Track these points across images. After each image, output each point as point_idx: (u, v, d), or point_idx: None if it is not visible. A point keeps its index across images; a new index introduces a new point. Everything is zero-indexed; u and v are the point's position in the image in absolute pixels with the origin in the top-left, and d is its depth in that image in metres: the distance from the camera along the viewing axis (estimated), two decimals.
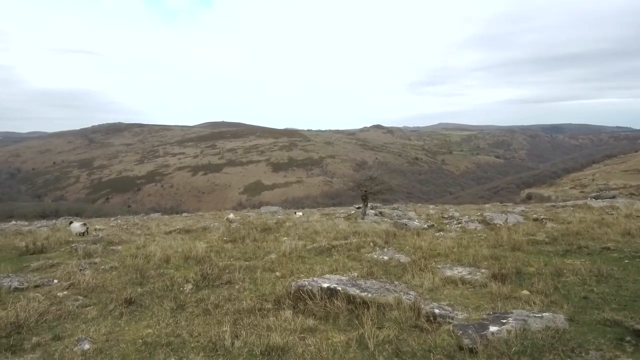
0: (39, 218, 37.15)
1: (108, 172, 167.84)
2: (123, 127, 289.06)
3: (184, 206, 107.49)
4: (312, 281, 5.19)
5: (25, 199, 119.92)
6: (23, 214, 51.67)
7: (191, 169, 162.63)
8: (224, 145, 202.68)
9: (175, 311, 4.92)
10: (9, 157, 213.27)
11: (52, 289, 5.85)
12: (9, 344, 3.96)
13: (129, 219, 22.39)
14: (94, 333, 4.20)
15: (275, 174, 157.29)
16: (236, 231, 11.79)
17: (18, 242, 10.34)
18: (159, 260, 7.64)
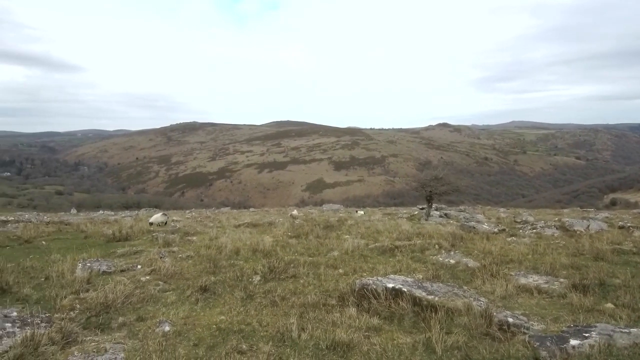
0: (123, 209, 40.86)
1: (184, 168, 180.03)
2: (197, 126, 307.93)
3: (251, 201, 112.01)
4: (377, 280, 5.17)
5: (111, 191, 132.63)
6: (109, 205, 57.12)
7: (258, 166, 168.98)
8: (288, 144, 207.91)
9: (245, 300, 5.17)
10: (97, 153, 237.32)
11: (136, 273, 6.39)
12: (98, 322, 4.38)
13: (202, 212, 23.87)
14: (174, 316, 4.55)
15: (336, 173, 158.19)
16: (300, 227, 12.07)
17: (106, 230, 11.41)
18: (229, 252, 8.05)
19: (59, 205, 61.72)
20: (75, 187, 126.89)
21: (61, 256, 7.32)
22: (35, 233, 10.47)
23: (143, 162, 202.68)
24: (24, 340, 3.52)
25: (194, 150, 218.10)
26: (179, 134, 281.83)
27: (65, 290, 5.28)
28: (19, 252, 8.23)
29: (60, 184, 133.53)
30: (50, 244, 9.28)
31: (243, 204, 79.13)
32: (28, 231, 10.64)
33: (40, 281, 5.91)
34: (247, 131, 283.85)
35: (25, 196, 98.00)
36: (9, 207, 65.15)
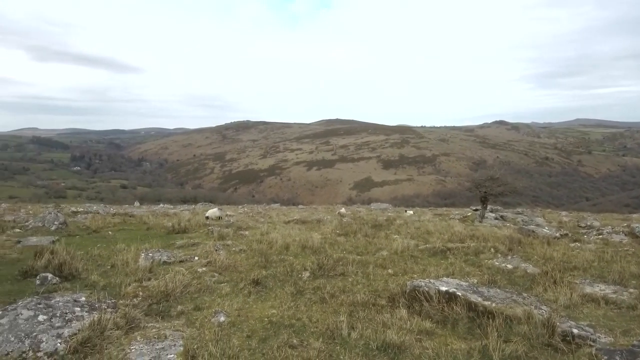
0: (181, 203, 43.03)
1: (237, 164, 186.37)
2: (250, 124, 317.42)
3: (299, 198, 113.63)
4: (429, 283, 5.02)
5: (171, 185, 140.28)
6: (168, 199, 60.37)
7: (306, 164, 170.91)
8: (337, 142, 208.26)
9: (295, 296, 5.24)
10: (159, 150, 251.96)
11: (193, 264, 6.70)
12: (159, 310, 4.62)
13: (253, 208, 24.57)
14: (228, 307, 4.71)
15: (385, 171, 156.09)
16: (348, 225, 12.05)
17: (166, 222, 12.04)
18: (279, 247, 8.21)
19: (123, 198, 66.35)
20: (138, 182, 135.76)
21: (126, 246, 7.83)
22: (102, 224, 11.29)
23: (200, 159, 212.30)
24: (92, 324, 3.80)
25: (247, 148, 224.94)
26: (233, 132, 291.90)
27: (129, 278, 5.65)
28: (87, 241, 8.91)
29: (125, 178, 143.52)
30: (115, 234, 9.98)
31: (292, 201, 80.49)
32: (96, 222, 11.51)
33: (107, 269, 6.35)
34: (297, 129, 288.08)
35: (93, 189, 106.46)
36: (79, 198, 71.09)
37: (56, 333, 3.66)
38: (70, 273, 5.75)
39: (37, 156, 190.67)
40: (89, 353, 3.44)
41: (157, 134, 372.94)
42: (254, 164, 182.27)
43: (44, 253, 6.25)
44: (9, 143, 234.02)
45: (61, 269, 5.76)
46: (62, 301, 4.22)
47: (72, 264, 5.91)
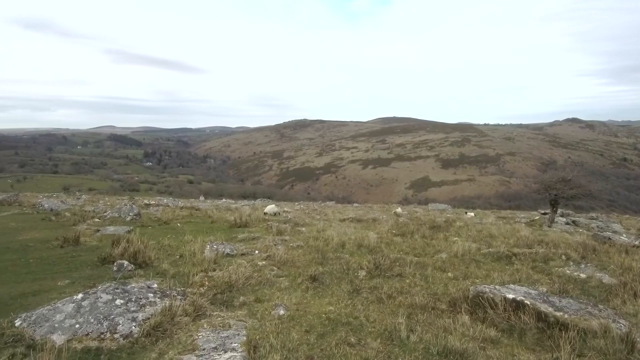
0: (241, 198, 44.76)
1: (294, 162, 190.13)
2: (307, 123, 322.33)
3: (354, 197, 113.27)
4: (494, 289, 4.78)
5: (232, 181, 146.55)
6: (230, 194, 63.14)
7: (362, 163, 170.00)
8: (393, 140, 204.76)
9: (352, 294, 5.24)
10: (222, 147, 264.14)
11: (254, 258, 6.94)
12: (223, 299, 4.85)
13: (309, 205, 24.92)
14: (287, 301, 4.83)
15: (444, 171, 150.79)
16: (404, 225, 11.81)
17: (228, 216, 12.59)
18: (335, 245, 8.26)
19: (189, 192, 70.46)
20: (203, 177, 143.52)
21: (192, 237, 8.32)
22: (171, 216, 12.08)
23: (259, 156, 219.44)
24: (163, 310, 4.08)
25: (303, 146, 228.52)
26: (291, 131, 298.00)
27: (196, 268, 5.98)
28: (158, 232, 9.57)
29: (191, 173, 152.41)
30: (183, 226, 10.62)
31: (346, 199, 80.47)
32: (166, 214, 12.33)
33: (176, 258, 6.78)
34: (353, 128, 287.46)
35: (163, 183, 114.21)
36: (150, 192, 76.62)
37: (131, 317, 3.97)
38: (144, 261, 6.22)
39: (113, 152, 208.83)
40: (160, 337, 3.70)
41: (220, 132, 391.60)
42: (310, 162, 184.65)
43: (120, 242, 6.82)
44: (89, 140, 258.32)
45: (135, 257, 6.25)
46: (136, 287, 4.57)
47: (146, 253, 6.39)
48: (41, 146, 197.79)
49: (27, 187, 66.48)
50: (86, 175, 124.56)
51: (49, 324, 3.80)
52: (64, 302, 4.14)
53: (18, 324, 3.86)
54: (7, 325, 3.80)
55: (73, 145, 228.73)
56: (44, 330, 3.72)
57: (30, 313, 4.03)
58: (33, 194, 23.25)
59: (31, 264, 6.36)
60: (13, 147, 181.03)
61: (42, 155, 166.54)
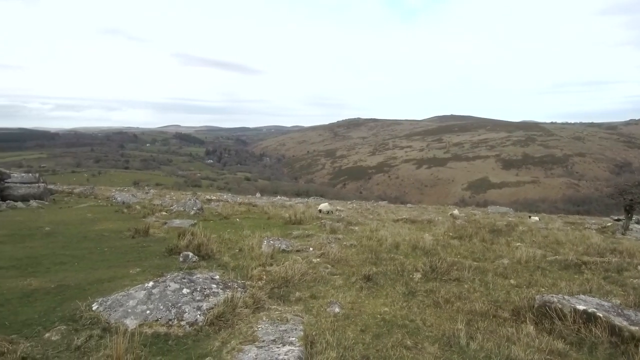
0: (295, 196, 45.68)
1: (346, 161, 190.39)
2: (361, 122, 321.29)
3: (407, 197, 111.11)
4: (563, 299, 4.49)
5: (286, 179, 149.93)
6: (284, 191, 64.62)
7: (416, 162, 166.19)
8: (450, 139, 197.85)
9: (407, 296, 5.16)
10: (277, 146, 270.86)
11: (309, 255, 7.05)
12: (279, 294, 4.98)
13: (361, 204, 24.86)
14: (342, 299, 4.86)
15: (505, 172, 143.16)
16: (462, 228, 11.39)
17: (283, 213, 12.90)
18: (389, 245, 8.15)
19: (246, 189, 73.15)
20: (259, 175, 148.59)
21: (250, 232, 8.63)
22: (231, 211, 12.61)
23: (313, 155, 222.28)
24: (226, 300, 4.27)
25: (356, 145, 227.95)
26: (344, 130, 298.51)
27: (255, 262, 6.20)
28: (219, 226, 10.04)
29: (248, 171, 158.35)
30: (242, 222, 11.05)
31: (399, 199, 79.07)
32: (226, 209, 12.90)
33: (235, 252, 7.07)
34: (408, 126, 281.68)
35: (222, 180, 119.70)
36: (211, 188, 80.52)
37: (196, 305, 4.20)
38: (207, 253, 6.56)
39: (178, 150, 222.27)
40: (223, 326, 3.88)
41: (276, 132, 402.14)
42: (363, 161, 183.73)
43: (185, 234, 7.25)
44: (157, 138, 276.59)
45: (199, 249, 6.61)
46: (201, 278, 4.84)
47: (208, 246, 6.74)
48: (114, 143, 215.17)
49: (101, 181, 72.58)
50: (154, 171, 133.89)
51: (122, 309, 4.13)
52: (136, 289, 4.48)
53: (95, 307, 4.22)
54: (85, 308, 4.17)
55: (142, 143, 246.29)
56: (118, 314, 4.05)
57: (105, 298, 4.40)
58: (106, 188, 25.38)
59: (106, 253, 6.95)
60: (89, 144, 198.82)
61: (115, 152, 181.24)
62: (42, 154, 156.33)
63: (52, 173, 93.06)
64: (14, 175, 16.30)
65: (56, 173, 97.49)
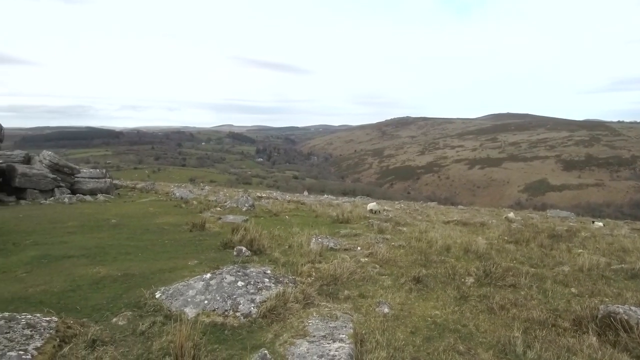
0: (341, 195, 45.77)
1: (394, 161, 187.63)
2: (410, 120, 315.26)
3: (458, 198, 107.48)
4: (629, 310, 4.18)
5: (333, 178, 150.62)
6: (331, 190, 64.98)
7: (468, 162, 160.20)
8: (505, 139, 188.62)
9: (459, 300, 5.04)
10: (324, 145, 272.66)
11: (356, 254, 7.07)
12: (328, 291, 5.04)
13: (410, 204, 24.40)
14: (391, 300, 4.84)
15: (566, 173, 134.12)
16: (518, 232, 10.87)
17: (330, 212, 12.99)
18: (439, 248, 7.96)
19: (294, 187, 74.44)
20: (306, 173, 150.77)
21: (299, 230, 8.80)
22: (280, 208, 12.91)
23: (360, 154, 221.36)
24: (278, 294, 4.42)
25: (405, 144, 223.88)
26: (392, 129, 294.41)
27: (304, 258, 6.33)
28: (269, 222, 10.32)
29: (296, 170, 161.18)
30: (291, 219, 11.28)
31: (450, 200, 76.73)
32: (275, 206, 13.23)
33: (285, 248, 7.25)
34: (460, 125, 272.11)
35: (271, 178, 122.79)
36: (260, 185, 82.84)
37: (250, 298, 4.38)
38: (259, 248, 6.80)
39: (231, 148, 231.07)
40: (274, 320, 4.02)
41: (324, 131, 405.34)
42: (411, 161, 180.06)
43: (239, 229, 7.55)
44: (211, 137, 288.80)
45: (252, 244, 6.86)
46: (254, 272, 5.03)
47: (260, 241, 6.98)
48: (172, 142, 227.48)
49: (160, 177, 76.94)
50: (208, 168, 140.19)
51: (182, 298, 4.40)
52: (195, 280, 4.74)
53: (157, 295, 4.52)
54: (148, 296, 4.48)
55: (198, 141, 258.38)
56: (178, 303, 4.32)
57: (167, 287, 4.70)
58: (166, 184, 26.89)
59: (166, 244, 7.40)
60: (150, 142, 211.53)
61: (173, 150, 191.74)
62: (107, 151, 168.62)
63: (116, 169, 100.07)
64: (83, 171, 17.76)
65: (120, 169, 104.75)
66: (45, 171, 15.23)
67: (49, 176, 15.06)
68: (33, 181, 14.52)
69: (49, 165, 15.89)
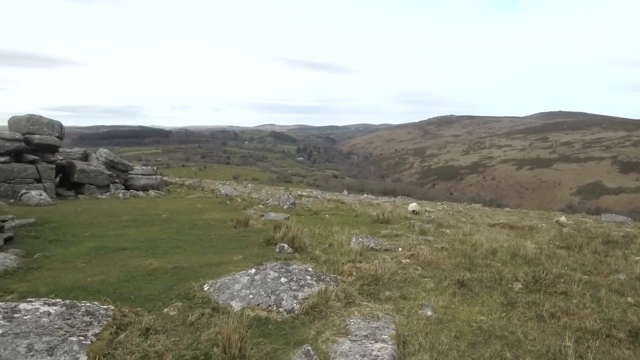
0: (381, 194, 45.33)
1: (436, 160, 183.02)
2: (454, 119, 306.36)
3: (504, 200, 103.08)
4: None
5: (373, 178, 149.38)
6: (370, 190, 64.47)
7: (516, 163, 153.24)
8: (557, 138, 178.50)
9: (506, 306, 4.88)
10: (365, 144, 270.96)
11: (397, 255, 7.00)
12: (369, 291, 5.04)
13: (452, 206, 23.75)
14: (434, 303, 4.77)
15: (622, 176, 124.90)
16: (570, 237, 10.30)
17: (370, 211, 12.91)
18: (485, 251, 7.71)
19: (333, 186, 74.61)
20: (346, 172, 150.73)
21: (339, 229, 8.84)
22: (320, 207, 13.01)
23: (401, 153, 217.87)
24: (320, 292, 4.48)
25: (448, 144, 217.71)
26: (435, 127, 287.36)
27: (344, 257, 6.36)
28: (309, 221, 10.43)
29: (336, 169, 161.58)
30: (331, 218, 11.35)
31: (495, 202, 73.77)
32: (316, 205, 13.35)
33: (326, 247, 7.32)
34: (508, 124, 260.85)
35: (311, 177, 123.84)
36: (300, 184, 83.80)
37: (293, 295, 4.48)
38: (300, 246, 6.92)
39: (272, 147, 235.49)
40: (316, 317, 4.09)
41: (364, 130, 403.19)
42: (455, 161, 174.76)
43: (281, 227, 7.70)
44: (254, 136, 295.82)
45: (293, 242, 6.99)
46: (297, 269, 5.13)
47: (301, 239, 7.09)
48: (218, 141, 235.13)
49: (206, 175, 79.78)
50: (251, 166, 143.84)
51: (229, 291, 4.57)
52: (241, 274, 4.91)
53: (206, 288, 4.72)
54: (197, 288, 4.69)
55: (242, 140, 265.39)
56: (225, 296, 4.49)
57: (215, 280, 4.90)
58: (211, 181, 27.86)
59: (213, 239, 7.70)
60: (197, 141, 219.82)
61: (218, 148, 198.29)
62: (157, 149, 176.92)
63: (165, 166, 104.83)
64: (135, 168, 18.78)
65: (169, 166, 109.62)
66: (102, 168, 16.26)
67: (105, 172, 16.06)
68: (90, 177, 15.54)
69: (104, 162, 16.93)
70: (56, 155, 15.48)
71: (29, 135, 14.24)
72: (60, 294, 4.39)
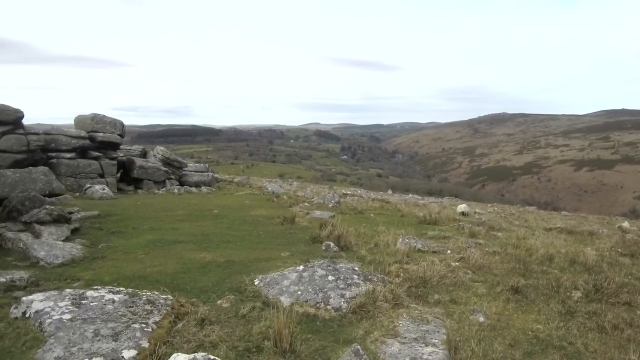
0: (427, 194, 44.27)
1: (487, 160, 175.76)
2: (507, 117, 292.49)
3: (560, 203, 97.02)
4: None
5: (418, 177, 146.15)
6: (416, 189, 63.14)
7: (574, 164, 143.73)
8: (620, 138, 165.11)
9: (564, 316, 4.62)
10: (410, 143, 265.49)
11: (446, 257, 6.82)
12: (417, 293, 4.96)
13: (504, 208, 22.76)
14: (487, 309, 4.61)
15: None
16: (634, 244, 9.55)
17: (417, 212, 12.64)
18: (541, 257, 7.33)
19: (377, 185, 73.87)
20: (391, 171, 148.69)
21: (385, 229, 8.75)
22: (365, 206, 12.95)
23: (448, 152, 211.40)
24: (367, 292, 4.48)
25: (500, 143, 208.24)
26: (486, 126, 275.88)
27: (391, 258, 6.29)
28: (354, 220, 10.41)
29: (380, 168, 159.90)
30: (376, 217, 11.27)
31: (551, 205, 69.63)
32: (360, 204, 13.30)
33: (371, 246, 7.29)
34: (565, 122, 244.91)
35: (355, 175, 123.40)
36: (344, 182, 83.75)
37: (340, 293, 4.51)
38: (345, 245, 6.94)
39: (317, 146, 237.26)
40: (364, 317, 4.10)
41: (410, 128, 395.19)
42: (507, 160, 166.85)
43: (326, 225, 7.78)
44: (299, 135, 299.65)
45: (339, 240, 7.03)
46: (344, 267, 5.16)
47: (347, 238, 7.12)
48: (265, 139, 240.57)
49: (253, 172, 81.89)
50: (296, 165, 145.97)
51: (278, 286, 4.69)
52: (289, 270, 5.02)
53: (256, 283, 4.88)
54: (248, 282, 4.86)
55: (287, 139, 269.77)
56: (274, 291, 4.61)
57: (265, 275, 5.05)
58: (258, 178, 28.56)
59: (261, 235, 7.91)
60: (245, 139, 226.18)
61: (265, 147, 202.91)
62: (208, 147, 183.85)
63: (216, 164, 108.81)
64: (189, 165, 19.67)
65: (219, 164, 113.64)
66: (159, 164, 17.19)
67: (162, 169, 16.96)
68: (148, 173, 16.47)
69: (161, 159, 17.89)
70: (117, 152, 16.57)
71: (93, 133, 15.36)
72: (122, 282, 4.72)
